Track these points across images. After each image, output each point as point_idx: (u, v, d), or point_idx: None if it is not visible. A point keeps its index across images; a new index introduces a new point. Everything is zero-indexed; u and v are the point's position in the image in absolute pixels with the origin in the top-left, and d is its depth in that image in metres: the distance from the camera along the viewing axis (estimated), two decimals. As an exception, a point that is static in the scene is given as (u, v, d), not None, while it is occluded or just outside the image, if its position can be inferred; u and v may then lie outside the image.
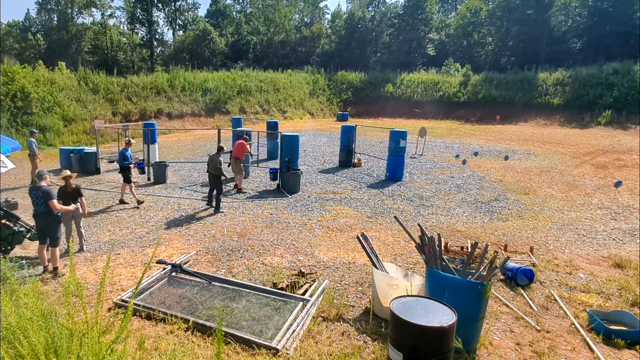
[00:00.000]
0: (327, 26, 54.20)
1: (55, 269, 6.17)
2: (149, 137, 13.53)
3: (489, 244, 5.87)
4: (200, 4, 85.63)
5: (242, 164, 11.44)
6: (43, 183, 6.20)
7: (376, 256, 5.44)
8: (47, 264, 6.22)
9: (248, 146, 11.72)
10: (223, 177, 9.57)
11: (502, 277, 6.21)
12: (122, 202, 10.11)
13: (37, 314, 2.95)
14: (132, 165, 10.03)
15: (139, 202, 9.92)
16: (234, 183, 11.61)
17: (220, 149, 9.75)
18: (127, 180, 9.90)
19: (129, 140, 10.46)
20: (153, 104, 25.91)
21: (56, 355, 2.76)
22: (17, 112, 19.35)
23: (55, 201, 6.14)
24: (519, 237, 8.17)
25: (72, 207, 6.54)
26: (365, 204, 10.33)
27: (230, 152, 12.13)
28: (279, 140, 14.66)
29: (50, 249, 6.22)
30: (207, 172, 9.74)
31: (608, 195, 11.43)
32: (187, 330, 4.68)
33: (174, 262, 6.38)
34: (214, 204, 9.63)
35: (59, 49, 41.17)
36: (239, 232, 8.18)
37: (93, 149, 14.16)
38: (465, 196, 11.22)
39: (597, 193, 11.64)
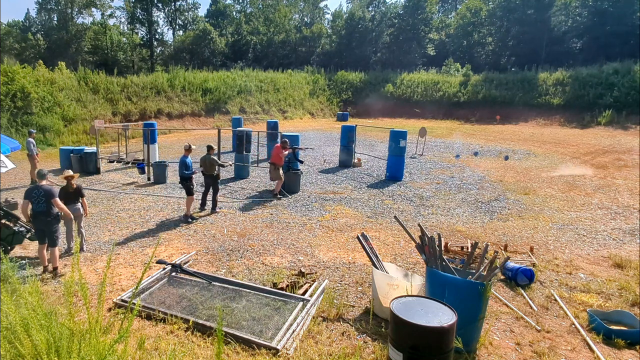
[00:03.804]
0: (328, 26, 54.19)
1: (55, 269, 6.18)
2: (149, 137, 13.53)
3: (489, 244, 5.87)
4: (200, 4, 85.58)
5: (280, 170, 10.70)
6: (44, 182, 6.22)
7: (376, 256, 5.44)
8: (47, 264, 6.23)
9: (285, 151, 10.70)
10: (220, 169, 9.28)
11: (502, 277, 6.21)
12: (192, 218, 8.86)
13: (39, 314, 2.95)
14: (194, 175, 8.95)
15: (192, 219, 8.87)
16: (273, 191, 11.03)
17: (210, 148, 9.34)
18: (190, 192, 8.85)
19: (189, 146, 9.15)
20: (153, 104, 25.90)
21: (57, 355, 2.76)
22: (17, 112, 19.34)
23: (58, 199, 6.17)
24: (519, 237, 8.17)
25: (70, 214, 6.51)
26: (365, 204, 10.33)
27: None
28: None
29: (49, 248, 6.22)
30: (203, 174, 9.41)
31: (608, 195, 11.43)
32: (187, 330, 4.68)
33: (174, 262, 6.38)
34: (207, 205, 9.58)
35: (59, 49, 41.13)
36: (239, 232, 8.18)
37: (93, 149, 14.16)
38: (465, 196, 11.22)
39: (597, 193, 11.64)
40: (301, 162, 12.29)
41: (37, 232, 6.32)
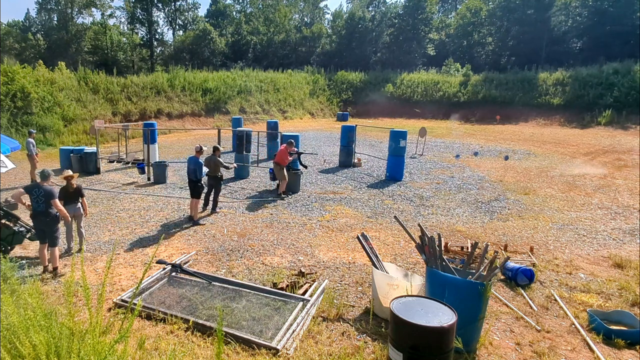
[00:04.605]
0: (328, 26, 54.20)
1: (55, 269, 6.17)
2: (149, 137, 13.53)
3: (489, 244, 5.87)
4: (200, 4, 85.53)
5: (284, 171, 10.71)
6: (45, 182, 6.21)
7: (376, 256, 5.44)
8: (47, 264, 6.22)
9: (290, 157, 10.67)
10: (225, 172, 9.21)
11: (502, 277, 6.21)
12: (196, 223, 8.60)
13: (39, 314, 2.95)
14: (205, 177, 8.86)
15: (198, 224, 8.63)
16: (276, 190, 11.05)
17: (215, 149, 9.30)
18: (198, 194, 8.76)
19: (201, 148, 9.00)
20: (153, 104, 25.91)
21: (57, 355, 2.76)
22: (17, 112, 19.34)
23: (57, 200, 6.18)
24: (519, 237, 8.17)
25: (68, 217, 6.48)
26: (365, 204, 10.33)
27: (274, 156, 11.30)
28: (279, 140, 14.68)
29: (49, 249, 6.22)
30: (206, 175, 9.32)
31: (608, 195, 11.43)
32: (187, 330, 4.68)
33: (174, 262, 6.38)
34: (208, 206, 9.56)
35: (59, 49, 41.11)
36: (239, 232, 8.18)
37: (93, 149, 14.16)
38: (465, 196, 11.22)
39: (597, 193, 11.64)
40: (305, 167, 12.34)
41: (37, 232, 6.33)
